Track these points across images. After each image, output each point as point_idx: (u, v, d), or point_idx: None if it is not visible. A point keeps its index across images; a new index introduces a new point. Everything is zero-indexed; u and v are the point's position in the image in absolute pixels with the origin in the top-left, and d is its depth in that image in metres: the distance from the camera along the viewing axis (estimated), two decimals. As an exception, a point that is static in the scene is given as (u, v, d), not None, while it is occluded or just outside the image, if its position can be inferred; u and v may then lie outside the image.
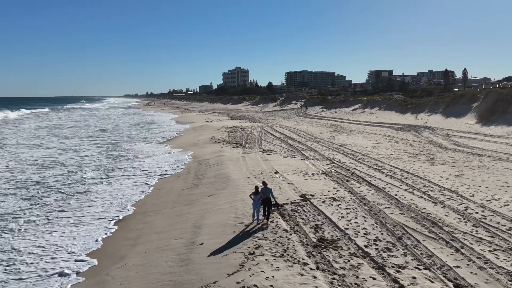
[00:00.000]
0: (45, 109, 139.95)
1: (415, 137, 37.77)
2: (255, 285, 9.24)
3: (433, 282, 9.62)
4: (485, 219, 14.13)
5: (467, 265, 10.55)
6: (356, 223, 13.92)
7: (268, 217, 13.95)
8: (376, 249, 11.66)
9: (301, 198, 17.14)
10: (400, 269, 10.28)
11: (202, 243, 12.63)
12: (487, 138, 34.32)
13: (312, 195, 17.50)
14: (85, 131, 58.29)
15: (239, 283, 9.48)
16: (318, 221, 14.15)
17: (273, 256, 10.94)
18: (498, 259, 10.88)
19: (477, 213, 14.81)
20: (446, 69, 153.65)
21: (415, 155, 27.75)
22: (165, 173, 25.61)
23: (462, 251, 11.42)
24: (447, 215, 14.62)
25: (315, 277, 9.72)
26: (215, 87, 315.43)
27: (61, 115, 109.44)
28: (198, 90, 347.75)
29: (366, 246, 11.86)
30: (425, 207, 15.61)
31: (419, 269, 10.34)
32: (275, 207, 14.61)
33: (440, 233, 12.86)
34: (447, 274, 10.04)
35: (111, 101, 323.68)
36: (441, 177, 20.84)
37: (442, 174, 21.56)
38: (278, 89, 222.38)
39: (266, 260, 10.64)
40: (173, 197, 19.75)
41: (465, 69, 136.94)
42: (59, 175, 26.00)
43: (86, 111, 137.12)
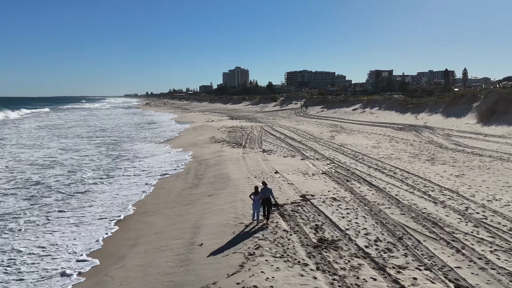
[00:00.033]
0: (45, 109, 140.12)
1: (415, 137, 37.72)
2: (255, 286, 9.19)
3: (434, 283, 9.58)
4: (486, 219, 14.08)
5: (468, 265, 10.50)
6: (356, 223, 13.88)
7: (268, 217, 13.91)
8: (376, 249, 11.61)
9: (301, 198, 17.10)
10: (400, 270, 10.23)
11: (201, 244, 12.59)
12: (487, 138, 34.27)
13: (312, 195, 17.46)
14: (85, 131, 58.27)
15: (239, 284, 9.44)
16: (318, 221, 14.11)
17: (273, 256, 10.89)
18: (499, 259, 10.83)
19: (478, 213, 14.76)
20: (446, 69, 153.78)
21: (415, 155, 27.70)
22: (165, 173, 25.57)
23: (463, 251, 11.37)
24: (447, 216, 14.57)
25: (315, 278, 9.68)
26: (215, 87, 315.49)
27: (61, 115, 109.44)
28: (198, 90, 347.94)
29: (366, 246, 11.82)
30: (426, 207, 15.56)
31: (420, 269, 10.29)
32: (275, 207, 14.56)
33: (440, 233, 12.82)
34: (448, 274, 9.99)
35: (111, 101, 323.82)
36: (441, 177, 20.80)
37: (442, 174, 21.51)
38: (278, 89, 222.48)
39: (266, 260, 10.60)
40: (173, 197, 19.71)
41: (465, 69, 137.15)
42: (59, 175, 25.96)
43: (86, 111, 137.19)
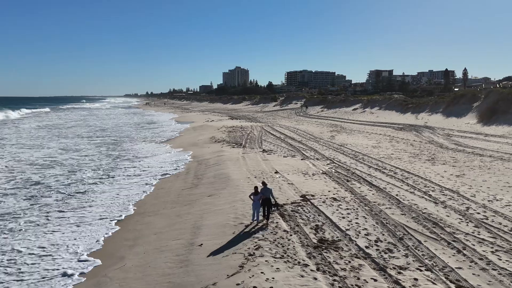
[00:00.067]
0: (45, 109, 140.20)
1: (415, 137, 37.66)
2: (255, 287, 9.13)
3: (435, 283, 9.52)
4: (487, 219, 14.02)
5: (469, 266, 10.44)
6: (357, 223, 13.82)
7: (268, 217, 13.86)
8: (377, 250, 11.56)
9: (302, 198, 17.04)
10: (401, 271, 10.18)
11: (201, 244, 12.53)
12: (488, 138, 34.21)
13: (312, 195, 17.40)
14: (85, 131, 58.22)
15: (239, 284, 9.38)
16: (318, 221, 14.06)
17: (273, 257, 10.84)
18: (500, 260, 10.77)
19: (478, 213, 14.71)
20: (446, 69, 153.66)
21: (415, 155, 27.64)
22: (165, 173, 25.50)
23: (464, 252, 11.31)
24: (448, 216, 14.51)
25: (315, 279, 9.62)
26: (215, 86, 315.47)
27: (61, 114, 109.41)
28: (198, 90, 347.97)
29: (367, 247, 11.76)
30: (426, 208, 15.50)
31: (421, 270, 10.23)
32: (275, 208, 14.51)
33: (441, 233, 12.76)
34: (449, 275, 9.93)
35: (111, 100, 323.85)
36: (442, 177, 20.74)
37: (443, 174, 21.46)
38: (278, 89, 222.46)
39: (266, 261, 10.54)
40: (173, 197, 19.65)
41: (465, 69, 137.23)
42: (59, 175, 25.91)
43: (86, 110, 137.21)
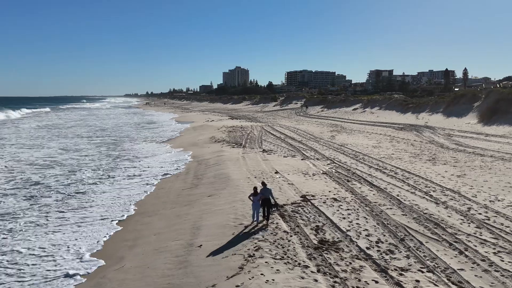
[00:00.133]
0: (46, 109, 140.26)
1: (416, 136, 37.55)
2: (254, 289, 9.03)
3: (437, 285, 9.41)
4: (489, 220, 13.92)
5: (472, 268, 10.33)
6: (357, 224, 13.71)
7: (268, 218, 13.75)
8: (378, 251, 11.45)
9: (302, 198, 16.94)
10: (403, 272, 10.07)
11: (201, 245, 12.43)
12: (488, 137, 34.10)
13: (312, 196, 17.30)
14: (85, 131, 58.13)
15: (238, 286, 9.28)
16: (319, 222, 13.95)
17: (273, 258, 10.73)
18: (503, 261, 10.66)
19: (480, 214, 14.60)
20: (446, 69, 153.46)
21: (416, 155, 27.53)
22: (165, 173, 25.40)
23: (466, 253, 11.20)
24: (449, 216, 14.41)
25: (316, 280, 9.52)
26: (215, 86, 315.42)
27: (61, 114, 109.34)
28: (198, 89, 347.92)
29: (368, 248, 11.65)
30: (428, 208, 15.40)
31: (423, 272, 10.12)
32: (275, 208, 14.40)
33: (443, 234, 12.65)
34: (451, 277, 9.82)
35: (111, 100, 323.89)
36: (443, 177, 20.63)
37: (444, 174, 21.35)
38: (278, 88, 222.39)
39: (266, 262, 10.44)
40: (172, 198, 19.55)
41: (465, 69, 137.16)
42: (59, 175, 25.82)
43: (86, 110, 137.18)
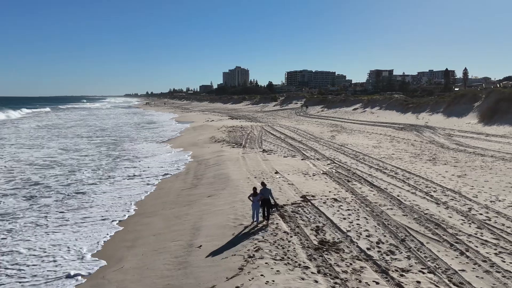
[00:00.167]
0: (46, 109, 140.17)
1: (416, 136, 37.48)
2: (254, 290, 8.98)
3: (438, 286, 9.34)
4: (490, 220, 13.85)
5: (473, 268, 10.27)
6: (358, 225, 13.65)
7: (268, 218, 13.70)
8: (379, 252, 11.39)
9: (302, 199, 16.88)
10: (404, 273, 10.01)
11: (200, 246, 12.37)
12: (489, 137, 34.03)
13: (313, 196, 17.24)
14: (85, 131, 58.06)
15: (238, 287, 9.22)
16: (319, 222, 13.89)
17: (273, 259, 10.67)
18: (504, 262, 10.60)
19: (481, 214, 14.54)
20: (446, 69, 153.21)
21: (416, 155, 27.47)
22: (165, 173, 25.33)
23: (467, 254, 11.14)
24: (450, 217, 14.34)
25: (316, 281, 9.46)
26: (215, 86, 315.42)
27: (61, 114, 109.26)
28: (198, 89, 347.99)
29: (368, 248, 11.59)
30: (428, 208, 15.33)
31: (424, 273, 10.06)
32: (274, 208, 14.34)
33: (444, 235, 12.59)
34: (452, 278, 9.76)
35: (111, 100, 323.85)
36: (443, 177, 20.57)
37: (444, 174, 21.29)
38: (278, 88, 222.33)
39: (266, 263, 10.38)
40: (172, 198, 19.48)
41: (465, 69, 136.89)
42: (59, 175, 25.76)
43: (86, 110, 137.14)
